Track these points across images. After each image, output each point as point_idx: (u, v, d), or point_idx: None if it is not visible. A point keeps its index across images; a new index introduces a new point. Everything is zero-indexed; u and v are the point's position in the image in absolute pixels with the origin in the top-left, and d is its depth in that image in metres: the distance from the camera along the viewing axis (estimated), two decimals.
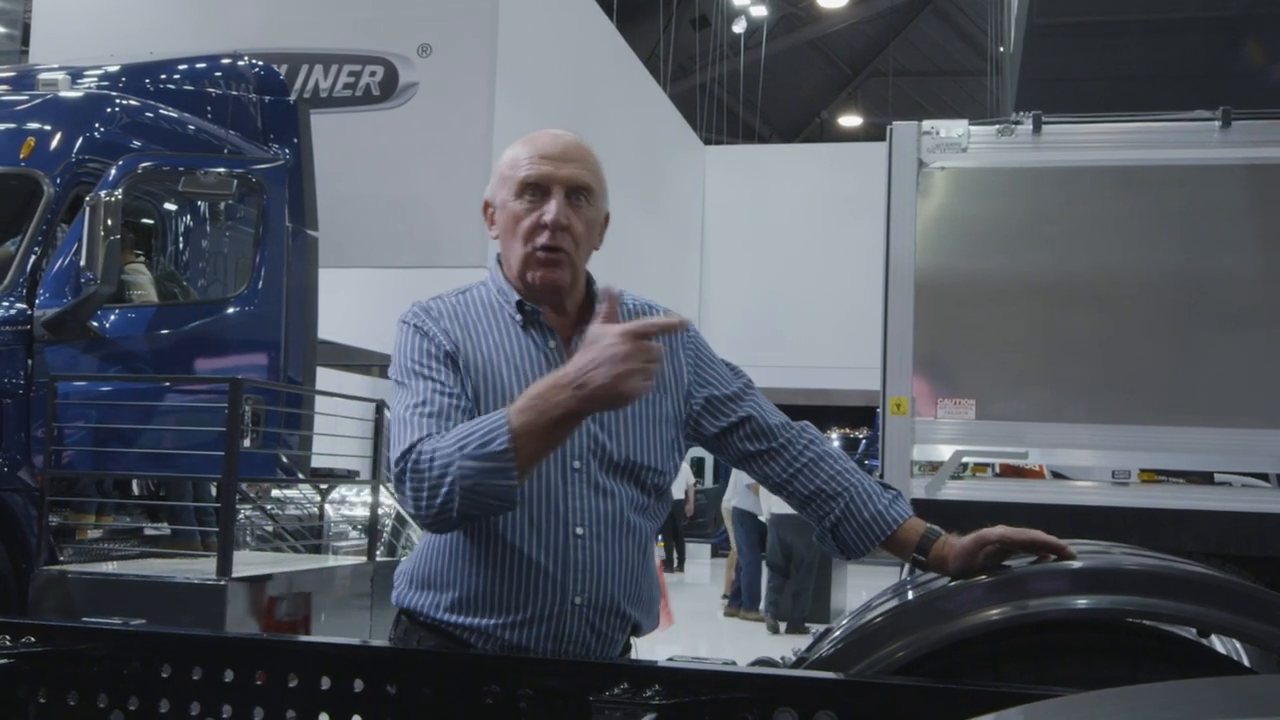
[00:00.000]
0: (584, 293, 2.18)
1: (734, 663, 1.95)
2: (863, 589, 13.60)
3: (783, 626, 10.80)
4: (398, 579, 2.20)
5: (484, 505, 1.92)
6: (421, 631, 2.12)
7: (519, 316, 2.12)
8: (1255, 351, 5.55)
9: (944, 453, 5.71)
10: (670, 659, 1.92)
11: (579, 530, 2.03)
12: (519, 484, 1.89)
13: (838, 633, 2.37)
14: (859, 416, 23.17)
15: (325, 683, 2.01)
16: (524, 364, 2.09)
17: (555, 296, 2.13)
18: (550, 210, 2.05)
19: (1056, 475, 6.44)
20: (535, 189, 2.08)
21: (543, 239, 2.06)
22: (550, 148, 2.10)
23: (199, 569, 6.05)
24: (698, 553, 18.53)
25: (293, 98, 8.47)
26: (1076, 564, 2.09)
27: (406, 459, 1.94)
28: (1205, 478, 5.89)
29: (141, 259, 7.31)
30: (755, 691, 1.81)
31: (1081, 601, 2.12)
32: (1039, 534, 2.01)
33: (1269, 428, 5.50)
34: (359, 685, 2.00)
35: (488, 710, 1.91)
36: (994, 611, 2.11)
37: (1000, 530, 2.00)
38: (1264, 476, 5.95)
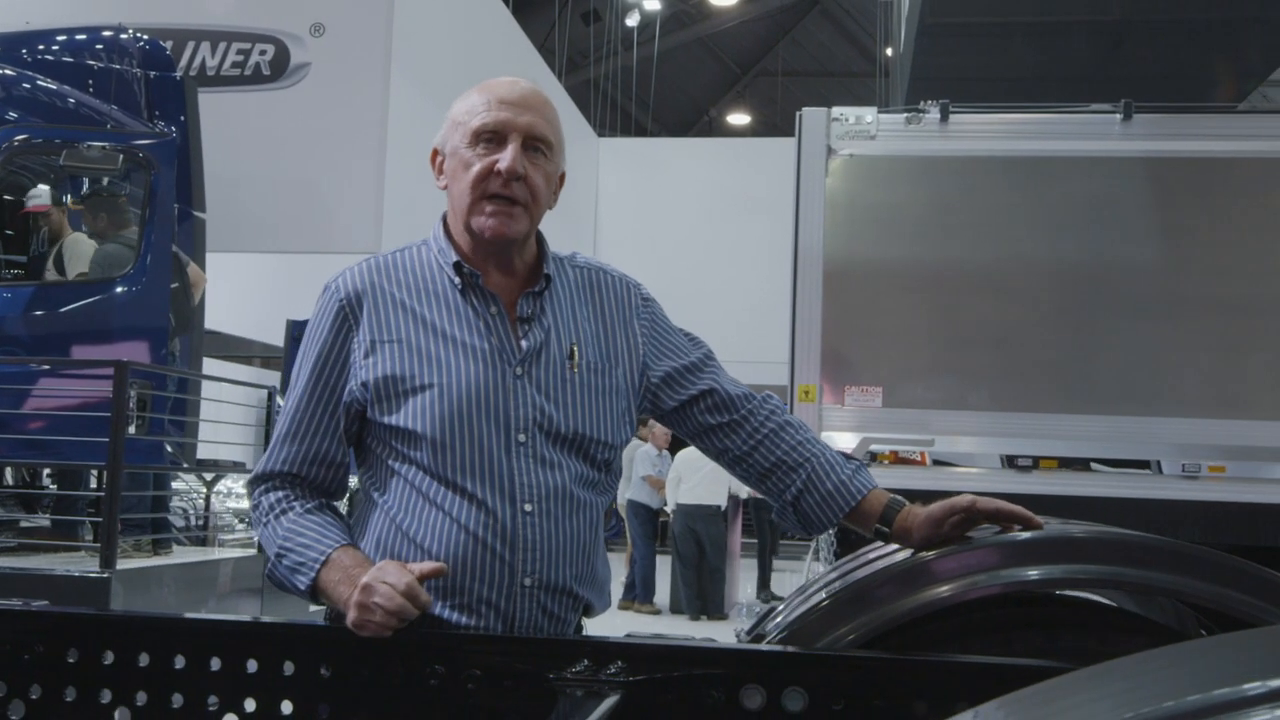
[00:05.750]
0: (535, 253, 2.05)
1: (692, 639, 1.86)
2: (747, 583, 13.71)
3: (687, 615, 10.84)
4: None
5: None
6: None
7: (457, 280, 1.98)
8: (1155, 340, 5.65)
9: (851, 440, 5.71)
10: (629, 635, 1.82)
11: (528, 507, 1.89)
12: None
13: (779, 618, 2.28)
14: None
15: (252, 665, 1.87)
16: (460, 331, 1.94)
17: (504, 251, 1.98)
18: (506, 156, 1.92)
19: (938, 463, 6.47)
20: (491, 136, 1.94)
21: (495, 185, 1.92)
22: (509, 94, 1.97)
23: (80, 562, 5.77)
24: None
25: (179, 74, 8.14)
26: (1024, 535, 2.04)
27: (253, 494, 2.01)
28: (1084, 465, 5.98)
29: (83, 231, 6.93)
30: (722, 668, 1.71)
31: (1033, 573, 2.07)
32: (1005, 504, 1.95)
33: (1168, 415, 5.61)
34: (289, 668, 1.86)
35: (433, 692, 1.79)
36: (944, 588, 2.05)
37: (968, 499, 1.93)
38: (1146, 464, 6.07)
